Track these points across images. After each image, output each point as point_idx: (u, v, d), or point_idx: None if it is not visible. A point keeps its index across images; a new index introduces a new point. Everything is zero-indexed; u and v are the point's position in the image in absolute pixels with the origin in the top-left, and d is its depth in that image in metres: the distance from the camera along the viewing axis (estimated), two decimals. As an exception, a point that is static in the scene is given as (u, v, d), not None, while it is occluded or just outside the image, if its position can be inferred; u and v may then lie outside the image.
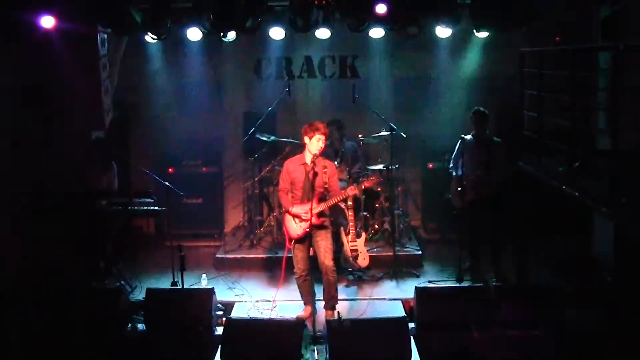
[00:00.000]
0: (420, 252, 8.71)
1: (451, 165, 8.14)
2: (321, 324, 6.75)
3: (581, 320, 6.75)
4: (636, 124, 5.72)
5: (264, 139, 8.89)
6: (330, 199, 6.79)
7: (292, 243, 6.89)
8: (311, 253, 6.95)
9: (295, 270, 6.95)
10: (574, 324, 6.71)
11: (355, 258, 7.52)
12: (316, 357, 6.35)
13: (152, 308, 7.02)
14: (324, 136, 6.76)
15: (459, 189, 7.83)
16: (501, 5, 7.57)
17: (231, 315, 7.18)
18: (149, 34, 8.01)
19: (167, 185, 7.79)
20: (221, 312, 7.23)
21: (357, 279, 8.11)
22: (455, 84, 9.45)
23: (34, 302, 7.10)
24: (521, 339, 6.56)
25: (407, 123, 8.98)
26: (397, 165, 8.95)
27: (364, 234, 7.78)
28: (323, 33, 8.21)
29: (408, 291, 7.51)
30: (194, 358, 6.63)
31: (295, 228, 6.84)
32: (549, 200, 7.26)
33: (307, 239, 6.83)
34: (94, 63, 8.32)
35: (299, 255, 6.90)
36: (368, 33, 8.29)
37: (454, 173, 8.04)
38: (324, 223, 6.88)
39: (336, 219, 7.88)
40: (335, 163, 7.87)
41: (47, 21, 7.59)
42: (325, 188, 6.78)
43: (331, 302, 6.97)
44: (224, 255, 8.75)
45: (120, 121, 9.19)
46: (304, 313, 7.07)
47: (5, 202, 7.96)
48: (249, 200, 9.43)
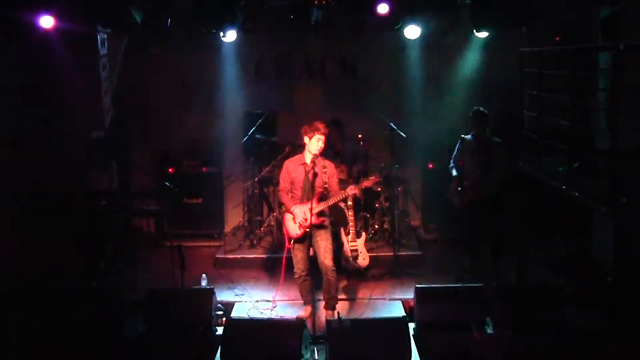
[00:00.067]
0: (420, 252, 8.71)
1: (451, 165, 8.13)
2: (321, 324, 6.75)
3: (581, 320, 6.74)
4: (636, 124, 5.72)
5: (264, 139, 8.89)
6: (330, 198, 6.80)
7: (292, 243, 6.88)
8: (311, 253, 6.95)
9: (295, 270, 6.95)
10: (574, 324, 6.71)
11: (355, 258, 7.52)
12: (316, 357, 6.34)
13: (152, 308, 7.02)
14: (324, 136, 6.76)
15: (459, 189, 7.83)
16: (501, 5, 7.58)
17: (231, 315, 7.19)
18: (150, 33, 8.02)
19: (167, 185, 7.80)
20: (221, 312, 7.23)
21: (357, 279, 8.11)
22: (455, 84, 9.44)
23: (34, 302, 7.10)
24: (521, 339, 6.57)
25: (407, 123, 8.98)
26: (397, 165, 8.95)
27: (364, 234, 7.79)
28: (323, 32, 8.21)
29: (408, 291, 7.51)
30: (194, 358, 6.62)
31: (294, 228, 6.83)
32: (549, 200, 7.27)
33: (307, 238, 6.82)
34: (94, 63, 8.33)
35: (299, 255, 6.90)
36: (368, 33, 8.30)
37: (453, 173, 8.04)
38: (324, 223, 6.88)
39: (336, 218, 7.88)
40: (335, 163, 7.87)
41: (47, 21, 7.60)
42: (325, 188, 6.78)
43: (331, 302, 6.97)
44: (224, 255, 8.75)
45: (120, 121, 9.19)
46: (304, 313, 7.07)
47: (5, 202, 7.96)
48: (249, 200, 9.43)
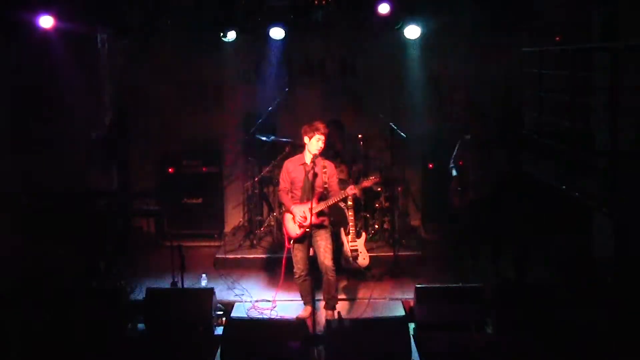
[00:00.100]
0: (420, 252, 8.71)
1: (451, 165, 8.13)
2: (321, 324, 6.75)
3: (581, 320, 6.74)
4: (636, 124, 5.73)
5: (264, 139, 8.89)
6: (330, 198, 6.79)
7: (292, 243, 6.88)
8: (311, 253, 6.94)
9: (295, 270, 6.94)
10: (574, 324, 6.71)
11: (355, 258, 7.52)
12: (316, 357, 6.34)
13: (152, 308, 7.01)
14: (324, 136, 6.75)
15: (459, 189, 7.83)
16: (501, 6, 7.58)
17: (231, 315, 7.19)
18: (150, 34, 8.03)
19: (167, 185, 7.80)
20: (221, 312, 7.22)
21: (357, 279, 8.10)
22: (455, 84, 9.44)
23: (34, 302, 7.10)
24: (521, 339, 6.57)
25: (407, 123, 8.98)
26: (397, 165, 8.94)
27: (364, 234, 7.78)
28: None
29: (408, 291, 7.51)
30: (194, 358, 6.63)
31: (294, 228, 6.83)
32: (549, 200, 7.26)
33: (307, 238, 6.82)
34: (94, 63, 8.34)
35: (299, 255, 6.90)
36: (368, 33, 8.30)
37: (453, 173, 8.04)
38: (324, 223, 6.88)
39: (336, 218, 7.88)
40: (335, 163, 7.87)
41: (46, 21, 7.60)
42: (324, 188, 6.78)
43: (331, 302, 6.97)
44: (224, 255, 8.75)
45: (120, 121, 9.19)
46: (304, 313, 7.07)
47: (5, 202, 7.97)
48: (249, 200, 9.42)
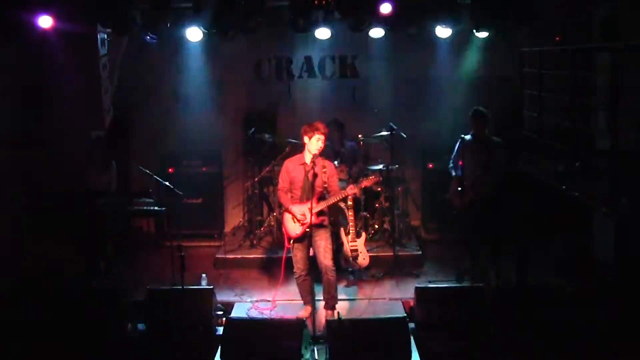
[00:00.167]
0: (420, 252, 8.71)
1: (451, 165, 8.13)
2: (321, 324, 6.75)
3: (581, 320, 6.74)
4: (636, 124, 5.73)
5: (264, 139, 8.89)
6: (330, 198, 6.79)
7: (292, 243, 6.88)
8: (311, 253, 6.94)
9: (295, 270, 6.94)
10: (574, 324, 6.71)
11: (355, 258, 7.52)
12: (316, 357, 6.34)
13: (152, 308, 7.01)
14: (324, 136, 6.75)
15: (459, 189, 7.82)
16: (501, 6, 7.58)
17: (231, 315, 7.18)
18: (149, 34, 8.03)
19: (167, 185, 7.80)
20: (221, 312, 7.22)
21: (357, 279, 8.10)
22: (455, 84, 9.43)
23: (34, 302, 7.11)
24: (521, 339, 6.57)
25: (407, 123, 8.97)
26: (397, 165, 8.94)
27: (364, 234, 7.78)
28: (323, 33, 8.25)
29: (408, 291, 7.50)
30: (194, 358, 6.63)
31: (294, 227, 6.83)
32: (549, 200, 7.26)
33: (307, 238, 6.82)
34: (94, 63, 8.34)
35: (299, 255, 6.90)
36: (368, 33, 8.30)
37: (453, 173, 8.04)
38: (324, 222, 6.88)
39: (336, 218, 7.88)
40: (335, 163, 7.88)
41: (45, 21, 7.59)
42: (324, 188, 6.78)
43: (331, 302, 6.97)
44: (224, 255, 8.75)
45: (120, 121, 9.19)
46: (304, 313, 7.07)
47: (5, 202, 7.97)
48: (249, 200, 9.42)
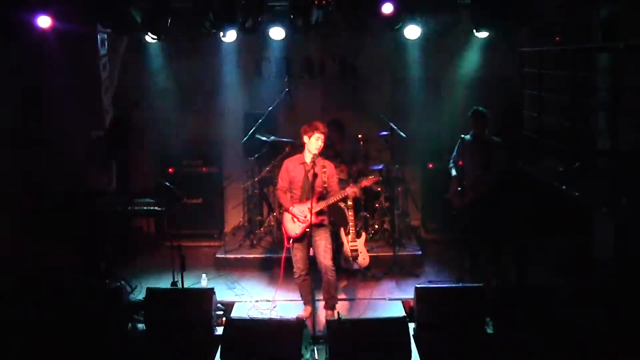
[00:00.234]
0: (420, 252, 8.71)
1: (451, 165, 8.13)
2: (321, 324, 6.75)
3: (581, 320, 6.74)
4: (636, 124, 5.72)
5: (264, 139, 8.89)
6: (329, 198, 6.79)
7: (291, 243, 6.88)
8: (311, 253, 6.94)
9: (295, 270, 6.94)
10: (574, 324, 6.71)
11: (355, 258, 7.52)
12: (316, 357, 6.35)
13: (152, 308, 7.01)
14: (323, 135, 6.75)
15: (459, 189, 7.83)
16: (501, 6, 7.58)
17: (231, 315, 7.18)
18: (149, 34, 8.03)
19: (167, 185, 7.80)
20: (221, 312, 7.22)
21: (357, 279, 8.10)
22: (455, 84, 9.44)
23: (34, 302, 7.11)
24: (521, 339, 6.57)
25: (407, 123, 8.98)
26: (397, 165, 8.94)
27: (364, 234, 7.78)
28: (323, 33, 8.23)
29: (408, 291, 7.50)
30: (194, 358, 6.63)
31: (294, 227, 6.83)
32: (549, 200, 7.26)
33: (306, 238, 6.81)
34: (94, 63, 8.34)
35: (298, 255, 6.90)
36: (368, 33, 8.30)
37: (453, 173, 8.04)
38: (323, 222, 6.87)
39: (336, 218, 7.88)
40: (335, 163, 7.87)
41: (45, 21, 7.60)
42: (324, 188, 6.78)
43: (331, 302, 6.97)
44: (224, 255, 8.75)
45: (120, 121, 9.19)
46: (304, 313, 7.07)
47: (5, 202, 7.97)
48: (249, 200, 9.42)
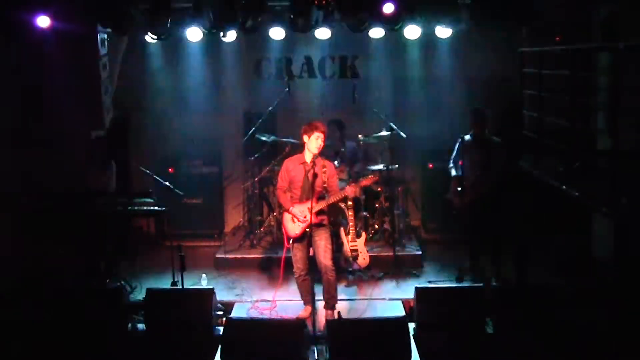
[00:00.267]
0: (420, 252, 8.70)
1: (451, 165, 8.13)
2: (321, 324, 6.75)
3: (581, 320, 6.74)
4: (636, 124, 5.72)
5: (264, 139, 8.89)
6: (329, 197, 6.78)
7: (291, 242, 6.88)
8: (311, 253, 6.94)
9: (295, 270, 6.94)
10: (574, 324, 6.71)
11: (355, 258, 7.52)
12: (316, 357, 6.35)
13: (152, 308, 7.01)
14: (323, 134, 6.75)
15: (459, 189, 7.83)
16: (501, 5, 7.57)
17: (231, 315, 7.19)
18: (149, 33, 8.03)
19: (167, 185, 7.80)
20: (221, 312, 7.23)
21: (357, 279, 8.10)
22: (455, 84, 9.44)
23: (34, 302, 7.10)
24: (521, 339, 6.57)
25: (407, 123, 8.97)
26: (397, 165, 8.94)
27: (364, 234, 7.78)
28: (323, 33, 8.27)
29: (408, 291, 7.50)
30: (194, 358, 6.63)
31: (293, 227, 6.83)
32: (549, 200, 7.26)
33: (306, 238, 6.81)
34: (93, 63, 8.32)
35: (298, 255, 6.90)
36: (368, 33, 8.31)
37: (453, 173, 8.04)
38: (323, 222, 6.87)
39: (336, 218, 7.88)
40: (335, 163, 7.88)
41: (44, 21, 7.59)
42: (324, 187, 6.78)
43: (331, 302, 6.97)
44: (224, 255, 8.75)
45: (120, 121, 9.19)
46: (304, 313, 7.07)
47: (5, 202, 7.96)
48: (249, 200, 9.42)
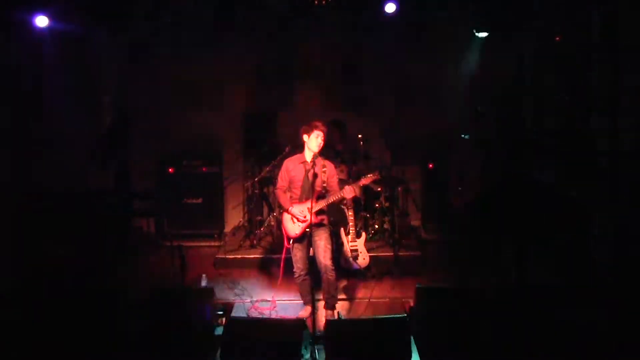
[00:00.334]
0: (420, 252, 8.71)
1: (451, 165, 8.14)
2: (321, 324, 6.75)
3: (581, 320, 6.75)
4: (636, 124, 5.73)
5: (264, 139, 8.89)
6: (329, 197, 6.78)
7: (291, 242, 6.88)
8: (311, 253, 6.94)
9: (295, 269, 6.94)
10: (574, 324, 6.72)
11: (355, 258, 7.52)
12: (316, 357, 6.34)
13: (153, 308, 7.01)
14: (323, 133, 6.74)
15: (459, 188, 7.83)
16: (501, 5, 7.59)
17: (231, 315, 7.18)
18: (149, 33, 8.04)
19: (167, 185, 7.80)
20: (221, 312, 7.23)
21: (357, 279, 8.10)
22: (455, 84, 9.44)
23: (34, 302, 7.11)
24: (521, 338, 6.57)
25: (407, 123, 8.98)
26: (397, 165, 8.94)
27: (364, 234, 7.78)
28: (324, 33, 8.26)
29: (408, 291, 7.51)
30: (194, 358, 6.62)
31: (293, 227, 6.83)
32: (549, 200, 7.27)
33: (306, 238, 6.81)
34: (94, 63, 8.34)
35: (298, 255, 6.90)
36: (368, 32, 8.31)
37: (453, 173, 8.05)
38: (323, 222, 6.87)
39: (336, 218, 7.88)
40: (335, 163, 7.87)
41: (44, 21, 7.60)
42: (323, 187, 6.77)
43: (331, 302, 6.97)
44: (224, 255, 8.75)
45: (120, 121, 9.19)
46: (304, 313, 7.07)
47: (5, 202, 7.97)
48: (249, 200, 9.43)
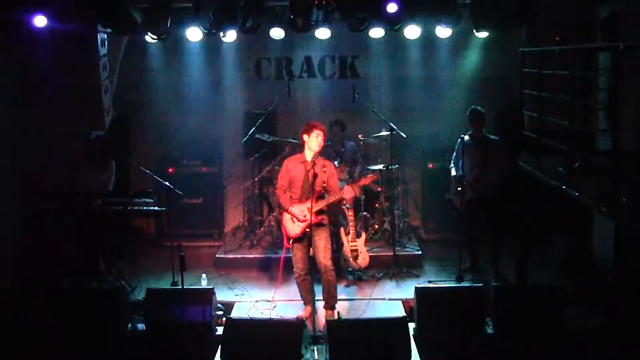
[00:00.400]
0: (420, 252, 8.71)
1: (451, 165, 8.14)
2: (321, 324, 6.75)
3: (581, 320, 6.75)
4: (636, 124, 5.72)
5: (264, 139, 8.89)
6: (329, 197, 6.77)
7: (291, 242, 6.88)
8: (311, 253, 6.94)
9: (295, 269, 6.94)
10: (574, 324, 6.71)
11: (355, 258, 7.52)
12: (316, 357, 6.35)
13: (152, 308, 7.02)
14: (322, 132, 6.75)
15: (459, 189, 7.83)
16: (501, 5, 7.58)
17: (231, 315, 7.19)
18: (149, 34, 8.03)
19: (167, 185, 7.80)
20: (221, 312, 7.23)
21: (357, 279, 8.10)
22: (455, 84, 9.45)
23: (34, 302, 7.10)
24: (521, 339, 6.57)
25: (407, 123, 8.98)
26: (397, 165, 8.94)
27: (364, 234, 7.79)
28: (323, 33, 8.27)
29: (408, 291, 7.51)
30: (194, 358, 6.63)
31: (293, 227, 6.82)
32: (549, 200, 7.26)
33: (306, 238, 6.81)
34: (93, 63, 8.32)
35: (298, 255, 6.90)
36: (368, 33, 8.31)
37: (453, 173, 8.05)
38: (323, 222, 6.87)
39: (336, 218, 7.88)
40: (335, 163, 7.87)
41: (42, 20, 7.59)
42: (323, 187, 6.77)
43: (331, 302, 6.97)
44: (224, 255, 8.76)
45: (120, 121, 9.19)
46: (304, 313, 7.07)
47: (5, 202, 7.97)
48: (249, 200, 9.43)
